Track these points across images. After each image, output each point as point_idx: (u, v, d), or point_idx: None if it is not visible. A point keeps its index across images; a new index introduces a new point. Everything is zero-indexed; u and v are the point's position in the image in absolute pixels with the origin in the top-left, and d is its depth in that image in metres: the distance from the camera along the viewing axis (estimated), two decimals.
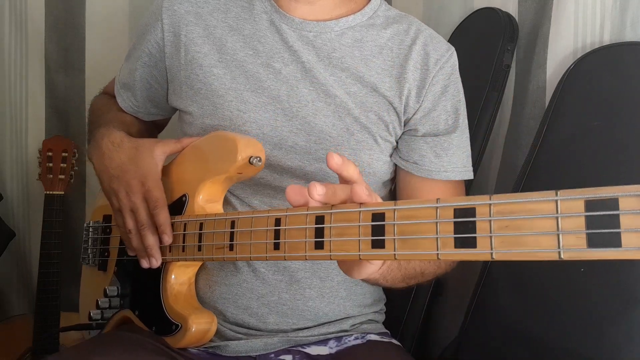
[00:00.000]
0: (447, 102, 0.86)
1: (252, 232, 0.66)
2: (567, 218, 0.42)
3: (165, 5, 0.88)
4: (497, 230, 0.46)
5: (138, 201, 0.81)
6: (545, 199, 0.43)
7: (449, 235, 0.48)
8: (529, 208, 0.44)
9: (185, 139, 0.85)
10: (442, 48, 0.87)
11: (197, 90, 0.85)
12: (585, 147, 0.91)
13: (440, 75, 0.85)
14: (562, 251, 0.42)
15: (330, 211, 0.57)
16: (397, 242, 0.52)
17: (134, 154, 0.83)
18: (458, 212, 0.48)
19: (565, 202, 0.42)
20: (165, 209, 0.80)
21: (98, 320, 0.90)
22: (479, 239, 0.46)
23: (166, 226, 0.79)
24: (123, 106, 0.97)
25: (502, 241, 0.45)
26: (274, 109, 0.83)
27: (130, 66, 0.94)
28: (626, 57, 0.91)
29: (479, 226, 0.47)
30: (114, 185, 0.83)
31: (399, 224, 0.52)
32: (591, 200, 0.41)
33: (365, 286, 0.90)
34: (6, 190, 1.51)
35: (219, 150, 0.78)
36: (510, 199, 0.45)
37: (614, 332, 0.80)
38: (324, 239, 0.57)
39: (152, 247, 0.80)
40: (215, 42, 0.86)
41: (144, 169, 0.81)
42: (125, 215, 0.82)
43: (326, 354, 0.84)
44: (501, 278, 0.95)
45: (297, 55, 0.84)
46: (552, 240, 0.43)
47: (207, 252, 0.74)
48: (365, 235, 0.54)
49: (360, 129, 0.83)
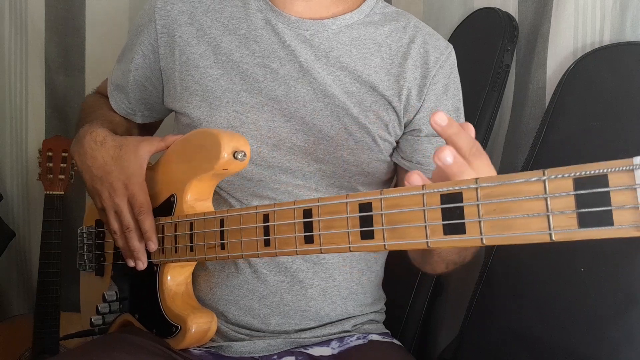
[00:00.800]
0: (448, 101, 0.86)
1: (242, 230, 0.65)
2: (556, 198, 0.41)
3: (158, 6, 0.86)
4: (485, 214, 0.44)
5: (122, 204, 0.79)
6: (533, 179, 0.42)
7: (437, 223, 0.47)
8: (516, 190, 0.43)
9: (169, 137, 0.83)
10: (441, 46, 0.86)
11: (192, 91, 0.84)
12: (585, 147, 0.91)
13: (441, 74, 0.85)
14: (553, 233, 0.41)
15: (317, 204, 0.57)
16: (386, 232, 0.51)
17: (117, 153, 0.81)
18: (445, 197, 0.47)
19: (553, 181, 0.41)
20: (150, 215, 0.79)
21: (100, 326, 0.89)
22: (468, 224, 0.45)
23: (151, 233, 0.78)
24: (116, 108, 0.96)
25: (492, 225, 0.44)
26: (272, 110, 0.83)
27: (123, 68, 0.93)
28: (626, 57, 0.91)
29: (466, 211, 0.45)
30: (97, 186, 0.82)
31: (386, 213, 0.51)
32: (580, 178, 0.40)
33: (366, 285, 0.90)
34: (6, 190, 1.51)
35: (203, 147, 0.76)
36: (496, 181, 0.44)
37: (613, 332, 0.80)
38: (313, 232, 0.56)
39: (138, 250, 0.79)
40: (211, 43, 0.85)
41: (127, 171, 0.80)
42: (109, 216, 0.81)
43: (329, 354, 0.84)
44: (501, 278, 0.95)
45: (294, 55, 0.83)
46: (543, 221, 0.42)
47: (199, 252, 0.73)
48: (353, 227, 0.53)
49: (359, 129, 0.83)
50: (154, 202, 0.82)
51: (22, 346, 1.40)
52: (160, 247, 0.80)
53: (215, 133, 0.74)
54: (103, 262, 0.95)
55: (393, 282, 0.97)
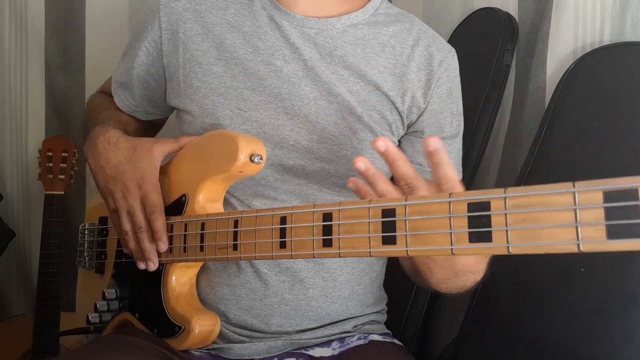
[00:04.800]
0: (452, 105, 0.86)
1: (257, 231, 0.65)
2: (585, 210, 0.42)
3: (163, 3, 0.86)
4: (513, 223, 0.45)
5: (135, 204, 0.80)
6: (563, 190, 0.43)
7: (463, 230, 0.48)
8: (545, 200, 0.44)
9: (183, 138, 0.84)
10: (444, 49, 0.87)
11: (196, 88, 0.84)
12: (585, 147, 0.91)
13: (445, 77, 0.85)
14: (581, 243, 0.42)
15: (338, 208, 0.57)
16: (409, 238, 0.51)
17: (131, 154, 0.82)
18: (472, 206, 0.48)
19: (583, 193, 0.42)
20: (162, 215, 0.79)
21: (96, 324, 0.89)
22: (495, 233, 0.46)
23: (162, 233, 0.79)
24: (120, 106, 0.96)
25: (519, 235, 0.45)
26: (275, 108, 0.83)
27: (127, 65, 0.93)
28: (626, 57, 0.91)
29: (494, 220, 0.46)
30: (110, 186, 0.82)
31: (410, 219, 0.51)
32: (610, 192, 0.41)
33: (367, 285, 0.90)
34: (6, 190, 1.51)
35: (219, 149, 0.77)
36: (526, 191, 0.45)
37: (613, 331, 0.80)
38: (332, 236, 0.56)
39: (149, 250, 0.79)
40: (215, 40, 0.85)
41: (141, 171, 0.80)
42: (121, 217, 0.81)
43: (329, 355, 0.84)
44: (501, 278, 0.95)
45: (298, 53, 0.83)
46: (571, 232, 0.42)
47: (209, 253, 0.74)
48: (375, 232, 0.53)
49: (363, 128, 0.83)
50: (164, 201, 0.82)
51: (22, 346, 1.40)
52: (169, 246, 0.80)
53: (232, 135, 0.75)
54: (104, 259, 0.95)
55: (393, 282, 0.96)
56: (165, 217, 0.80)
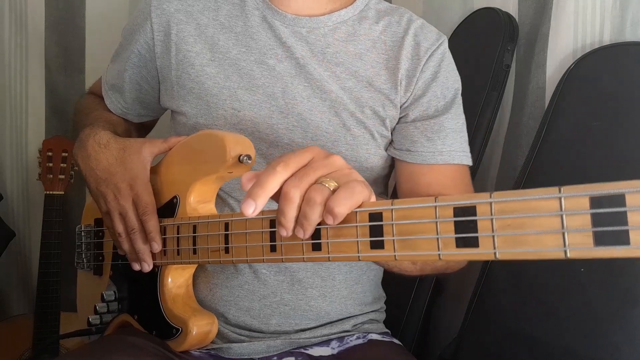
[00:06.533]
0: (437, 88, 0.85)
1: (247, 235, 0.65)
2: (572, 216, 0.41)
3: (154, 4, 0.86)
4: (499, 229, 0.44)
5: (127, 205, 0.79)
6: (548, 196, 0.42)
7: (449, 235, 0.47)
8: (531, 206, 0.43)
9: (172, 139, 0.83)
10: (432, 37, 0.86)
11: (189, 89, 0.84)
12: (585, 147, 0.91)
13: (430, 63, 0.85)
14: (568, 250, 0.41)
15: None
16: (396, 243, 0.51)
17: (121, 155, 0.81)
18: (458, 210, 0.47)
19: (569, 199, 0.41)
20: (155, 216, 0.79)
21: (97, 325, 0.88)
22: (481, 238, 0.45)
23: (155, 233, 0.78)
24: (112, 108, 0.96)
25: (505, 240, 0.44)
26: (269, 107, 0.83)
27: (118, 67, 0.93)
28: (626, 57, 0.91)
29: (480, 225, 0.45)
30: (101, 188, 0.81)
31: (397, 223, 0.51)
32: (596, 197, 0.40)
33: (366, 284, 0.90)
34: (6, 190, 1.51)
35: (208, 150, 0.75)
36: (511, 196, 0.44)
37: (613, 332, 0.80)
38: (321, 240, 0.56)
39: (143, 251, 0.79)
40: (207, 41, 0.85)
41: (132, 172, 0.80)
42: (114, 219, 0.80)
43: (328, 354, 0.84)
44: (501, 278, 0.95)
45: (291, 52, 0.83)
46: (557, 238, 0.42)
47: (202, 255, 0.73)
48: (363, 236, 0.53)
49: (357, 124, 0.83)
50: (156, 202, 0.81)
51: (22, 346, 1.40)
52: (163, 249, 0.79)
53: (220, 136, 0.73)
54: (102, 261, 0.94)
55: (393, 281, 0.96)
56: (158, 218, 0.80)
